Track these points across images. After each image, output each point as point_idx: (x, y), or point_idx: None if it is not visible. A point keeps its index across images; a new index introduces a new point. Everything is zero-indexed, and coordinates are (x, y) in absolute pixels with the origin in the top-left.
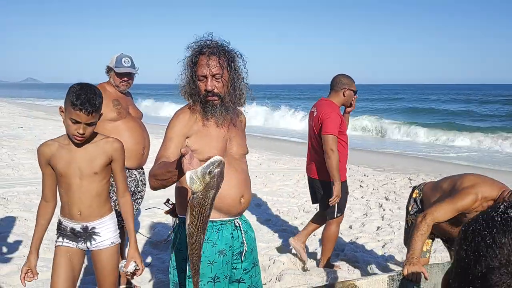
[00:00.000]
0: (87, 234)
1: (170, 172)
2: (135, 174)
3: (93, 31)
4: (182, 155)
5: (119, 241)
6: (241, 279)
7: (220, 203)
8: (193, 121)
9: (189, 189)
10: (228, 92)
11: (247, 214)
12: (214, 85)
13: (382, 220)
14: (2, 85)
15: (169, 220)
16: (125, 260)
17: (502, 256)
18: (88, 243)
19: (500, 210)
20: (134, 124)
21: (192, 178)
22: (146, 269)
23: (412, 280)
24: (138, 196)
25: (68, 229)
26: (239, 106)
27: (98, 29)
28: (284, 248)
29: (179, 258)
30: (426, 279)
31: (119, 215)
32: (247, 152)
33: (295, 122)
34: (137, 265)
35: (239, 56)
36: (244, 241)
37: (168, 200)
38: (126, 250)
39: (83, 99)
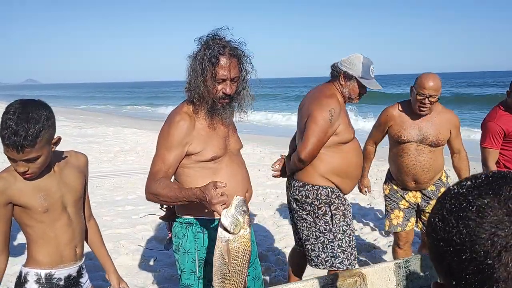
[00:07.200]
0: (78, 278)
1: (181, 201)
2: None
3: (94, 30)
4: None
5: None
6: None
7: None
8: (192, 126)
9: (225, 235)
10: (237, 93)
11: (251, 208)
12: (232, 89)
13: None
14: (2, 87)
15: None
16: None
17: (497, 216)
18: None
19: (462, 184)
20: None
21: (233, 222)
22: (152, 264)
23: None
24: None
25: (63, 281)
26: (243, 108)
27: (98, 28)
28: (289, 240)
29: (186, 260)
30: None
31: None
32: (242, 146)
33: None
34: None
35: (251, 59)
36: None
37: (162, 205)
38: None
39: (10, 131)
